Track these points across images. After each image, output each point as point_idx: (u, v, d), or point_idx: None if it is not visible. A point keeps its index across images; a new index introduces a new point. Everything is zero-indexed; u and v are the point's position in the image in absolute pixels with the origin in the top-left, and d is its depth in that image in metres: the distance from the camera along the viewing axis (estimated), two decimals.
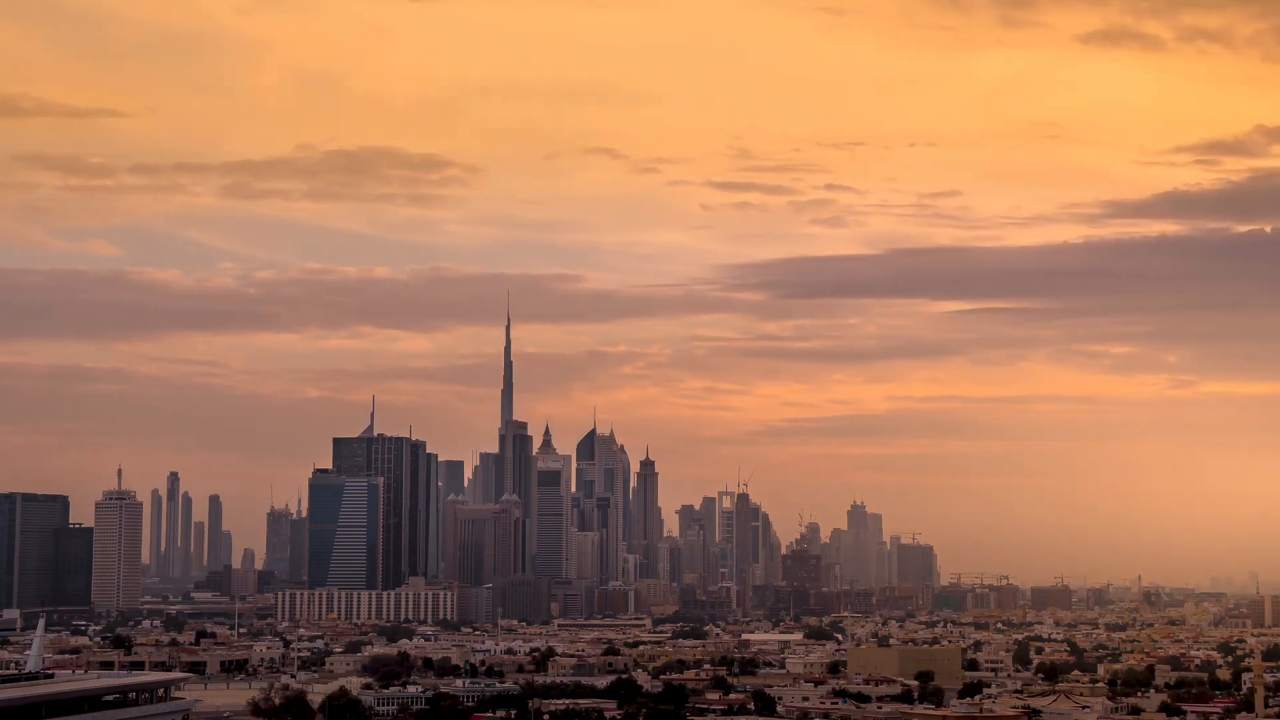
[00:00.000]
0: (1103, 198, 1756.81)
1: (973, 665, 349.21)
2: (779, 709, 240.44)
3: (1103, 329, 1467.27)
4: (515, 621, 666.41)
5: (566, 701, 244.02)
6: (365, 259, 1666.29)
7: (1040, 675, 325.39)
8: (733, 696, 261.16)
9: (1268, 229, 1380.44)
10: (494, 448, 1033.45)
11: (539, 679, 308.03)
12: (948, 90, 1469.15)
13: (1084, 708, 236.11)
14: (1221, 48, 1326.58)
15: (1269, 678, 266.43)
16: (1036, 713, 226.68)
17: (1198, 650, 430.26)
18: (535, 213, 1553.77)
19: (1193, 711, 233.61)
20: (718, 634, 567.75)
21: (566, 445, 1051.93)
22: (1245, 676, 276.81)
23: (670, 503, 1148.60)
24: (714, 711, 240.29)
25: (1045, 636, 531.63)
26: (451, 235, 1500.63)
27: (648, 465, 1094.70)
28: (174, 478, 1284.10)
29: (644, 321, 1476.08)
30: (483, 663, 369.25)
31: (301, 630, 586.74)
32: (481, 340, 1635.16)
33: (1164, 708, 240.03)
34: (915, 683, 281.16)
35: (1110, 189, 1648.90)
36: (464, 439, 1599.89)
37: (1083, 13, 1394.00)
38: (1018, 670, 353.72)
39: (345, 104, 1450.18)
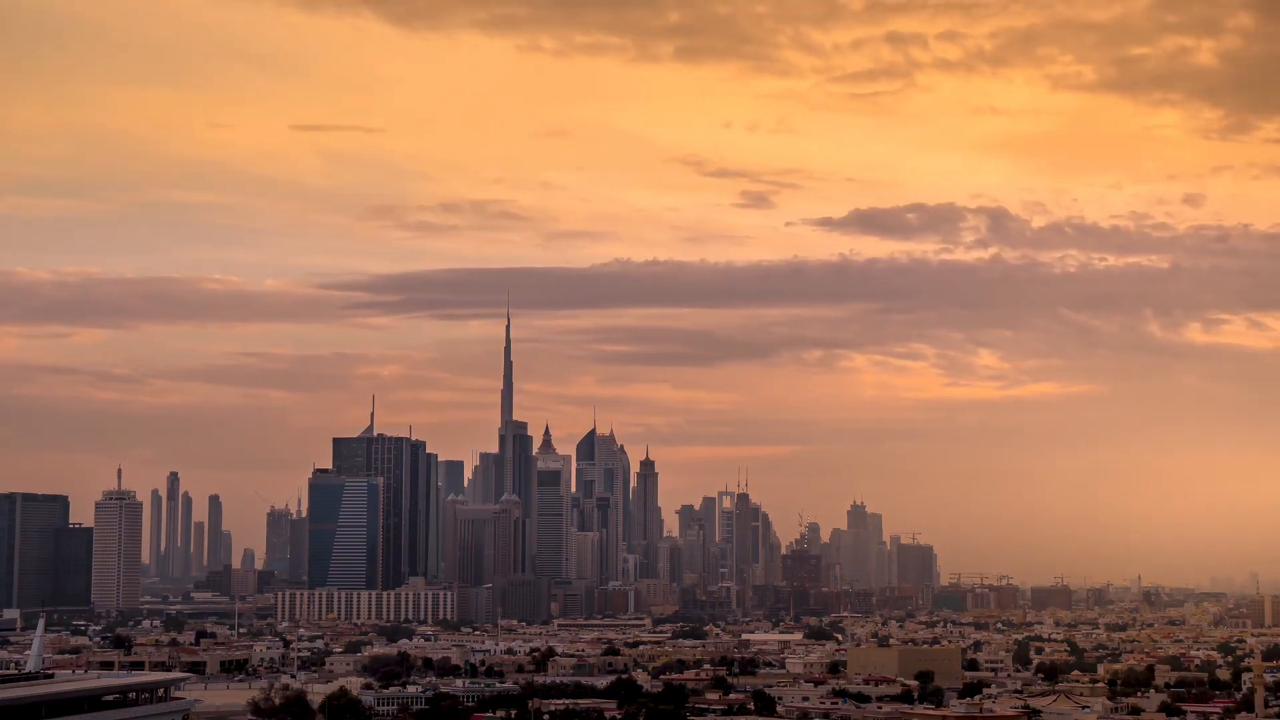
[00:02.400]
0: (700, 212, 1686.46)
1: (973, 665, 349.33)
2: (779, 709, 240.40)
3: (899, 334, 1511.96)
4: (515, 621, 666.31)
5: (566, 701, 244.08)
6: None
7: (1040, 675, 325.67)
8: (733, 696, 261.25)
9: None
10: (492, 448, 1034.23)
11: (539, 679, 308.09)
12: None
13: (1084, 708, 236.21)
14: (615, 61, 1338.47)
15: (1269, 678, 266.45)
16: (1036, 713, 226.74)
17: (1198, 650, 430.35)
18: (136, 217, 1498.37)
19: (1193, 711, 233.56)
20: (718, 634, 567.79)
21: (566, 445, 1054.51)
22: (1245, 676, 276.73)
23: (670, 503, 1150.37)
24: (714, 711, 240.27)
25: (1045, 636, 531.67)
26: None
27: (647, 465, 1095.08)
28: (174, 478, 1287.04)
29: (373, 320, 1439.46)
30: (483, 663, 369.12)
31: (301, 630, 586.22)
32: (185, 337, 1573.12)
33: (1164, 708, 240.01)
34: (915, 683, 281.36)
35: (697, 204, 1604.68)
36: (464, 441, 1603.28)
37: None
38: (1018, 670, 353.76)
39: None
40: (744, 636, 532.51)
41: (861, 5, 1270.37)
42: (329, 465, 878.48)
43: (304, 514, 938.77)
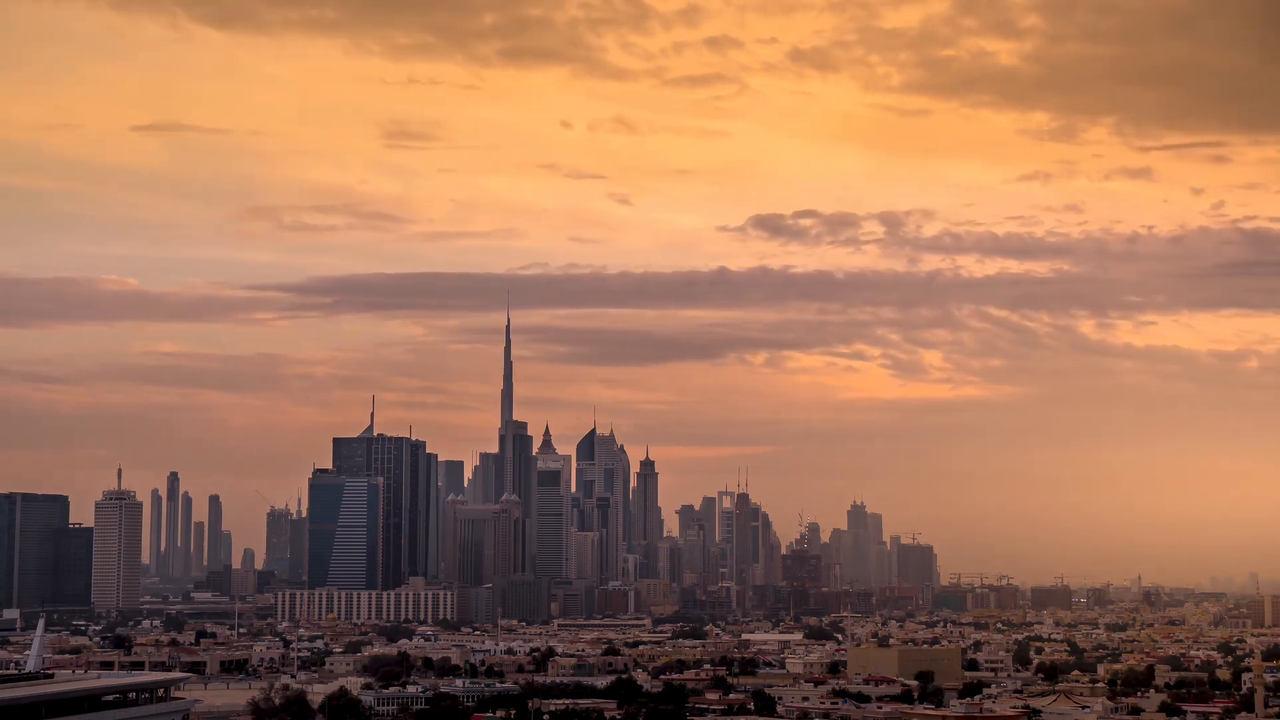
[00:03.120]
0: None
1: (973, 665, 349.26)
2: (779, 709, 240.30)
3: (841, 336, 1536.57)
4: (515, 621, 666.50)
5: (566, 701, 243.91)
6: None
7: (1040, 675, 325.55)
8: (733, 696, 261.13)
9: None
10: (491, 447, 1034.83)
11: (539, 679, 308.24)
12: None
13: (1084, 708, 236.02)
14: (447, 63, 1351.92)
15: (1269, 678, 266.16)
16: (1036, 713, 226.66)
17: (1198, 650, 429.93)
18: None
19: (1193, 711, 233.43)
20: (718, 634, 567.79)
21: (566, 445, 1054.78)
22: (1245, 676, 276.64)
23: (670, 503, 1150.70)
24: (714, 711, 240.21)
25: (1045, 636, 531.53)
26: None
27: (648, 465, 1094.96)
28: (174, 478, 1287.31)
29: (298, 321, 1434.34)
30: (483, 663, 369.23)
31: (301, 630, 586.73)
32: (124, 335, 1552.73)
33: (1164, 708, 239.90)
34: (915, 683, 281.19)
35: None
36: (461, 441, 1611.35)
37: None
38: (1018, 670, 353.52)
39: None
40: (744, 636, 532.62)
41: (673, 9, 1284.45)
42: (328, 465, 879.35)
43: (304, 514, 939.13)
